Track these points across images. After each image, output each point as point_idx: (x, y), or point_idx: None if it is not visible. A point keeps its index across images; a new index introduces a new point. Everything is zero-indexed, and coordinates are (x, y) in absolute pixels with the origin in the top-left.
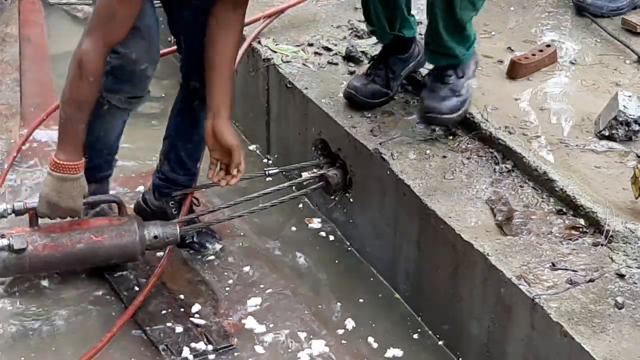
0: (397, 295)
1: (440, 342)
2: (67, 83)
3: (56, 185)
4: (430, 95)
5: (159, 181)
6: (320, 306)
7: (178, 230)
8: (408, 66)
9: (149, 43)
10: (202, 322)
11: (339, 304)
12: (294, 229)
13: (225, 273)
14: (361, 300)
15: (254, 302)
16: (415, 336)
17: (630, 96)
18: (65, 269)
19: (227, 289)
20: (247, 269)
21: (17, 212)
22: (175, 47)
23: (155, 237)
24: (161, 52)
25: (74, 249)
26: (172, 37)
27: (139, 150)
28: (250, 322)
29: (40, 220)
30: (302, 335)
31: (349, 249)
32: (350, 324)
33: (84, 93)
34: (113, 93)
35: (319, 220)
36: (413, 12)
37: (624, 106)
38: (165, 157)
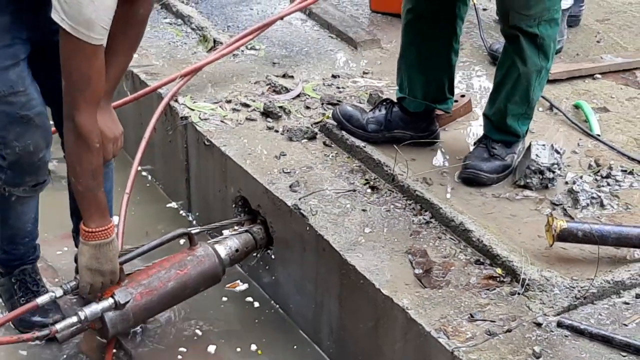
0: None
1: None
2: (75, 159)
3: (93, 252)
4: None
5: None
6: None
7: (252, 236)
8: None
9: (43, 129)
10: None
11: None
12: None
13: (149, 342)
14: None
15: None
16: None
17: (543, 145)
18: (162, 310)
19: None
20: (170, 339)
21: (66, 293)
22: None
23: (237, 250)
24: None
25: (167, 288)
26: None
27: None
28: None
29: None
30: None
31: (272, 306)
32: None
33: (95, 161)
34: (15, 187)
35: (241, 281)
36: None
37: (537, 155)
38: (73, 213)
